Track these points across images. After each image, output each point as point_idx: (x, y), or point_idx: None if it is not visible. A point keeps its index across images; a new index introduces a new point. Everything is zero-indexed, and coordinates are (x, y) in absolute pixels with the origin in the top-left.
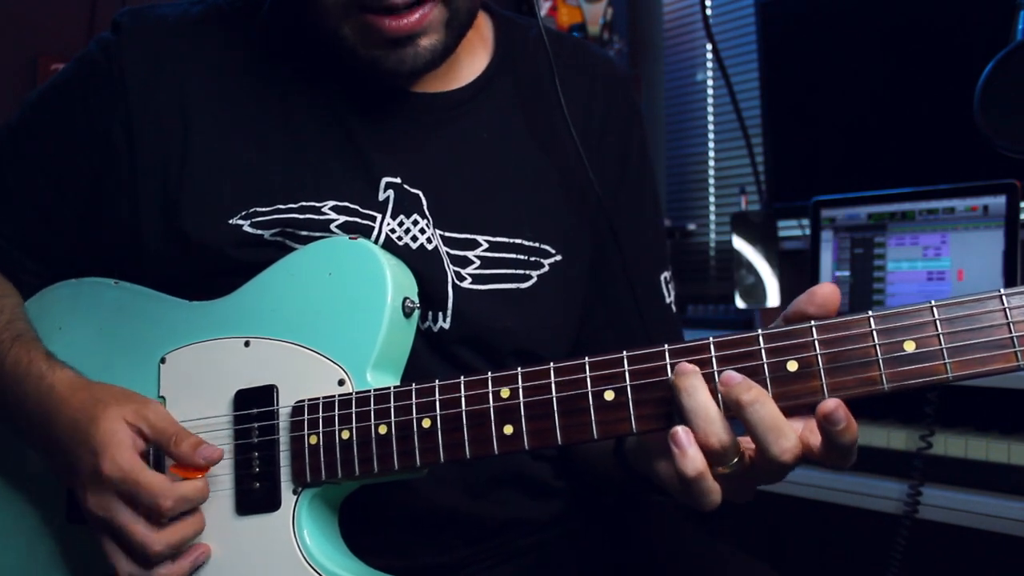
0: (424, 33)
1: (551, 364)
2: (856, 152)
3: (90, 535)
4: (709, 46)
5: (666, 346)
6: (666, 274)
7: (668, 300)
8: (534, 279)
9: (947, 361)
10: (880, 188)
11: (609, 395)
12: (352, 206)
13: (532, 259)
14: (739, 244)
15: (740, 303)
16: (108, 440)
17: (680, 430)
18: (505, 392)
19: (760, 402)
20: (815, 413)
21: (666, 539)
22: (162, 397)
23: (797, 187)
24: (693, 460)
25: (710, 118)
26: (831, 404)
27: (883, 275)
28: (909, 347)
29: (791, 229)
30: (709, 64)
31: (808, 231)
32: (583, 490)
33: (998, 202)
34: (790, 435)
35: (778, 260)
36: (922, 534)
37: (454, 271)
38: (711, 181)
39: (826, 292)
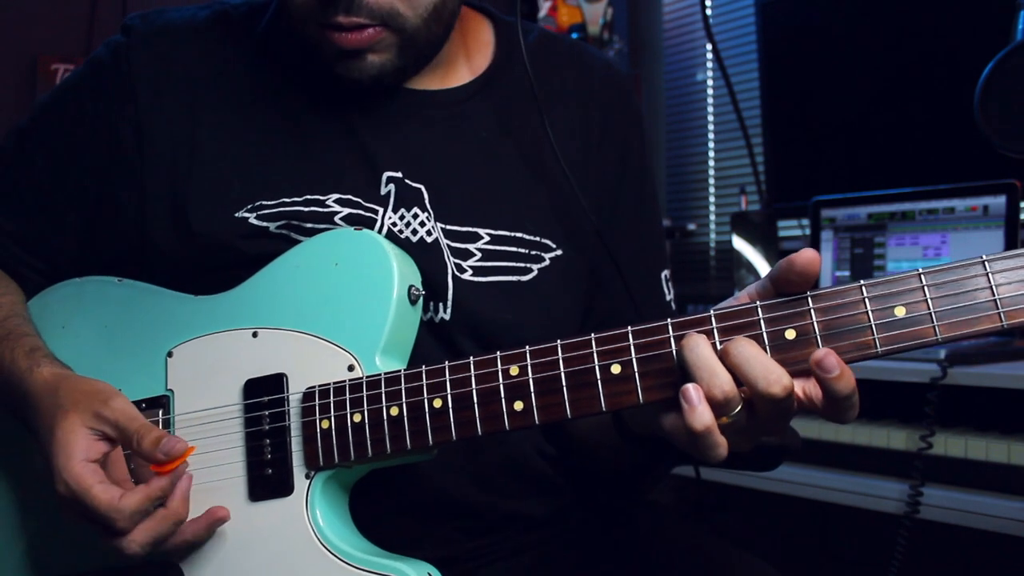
0: (372, 51)
1: (558, 341)
2: (856, 152)
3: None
4: (709, 46)
5: (669, 320)
6: (666, 272)
7: (668, 298)
8: (535, 272)
9: (935, 324)
10: (880, 188)
11: (616, 368)
12: (355, 199)
13: (533, 253)
14: (739, 244)
15: None
16: (59, 453)
17: (691, 387)
18: (514, 370)
19: (742, 344)
20: (809, 363)
21: (667, 537)
22: (170, 390)
23: (797, 187)
24: (701, 416)
25: (710, 118)
26: (821, 352)
27: (883, 275)
28: (900, 312)
29: (791, 229)
30: (709, 64)
31: (808, 231)
32: (583, 485)
33: (998, 202)
34: (774, 368)
35: (778, 260)
36: (923, 534)
37: (455, 263)
38: (711, 181)
39: (805, 260)
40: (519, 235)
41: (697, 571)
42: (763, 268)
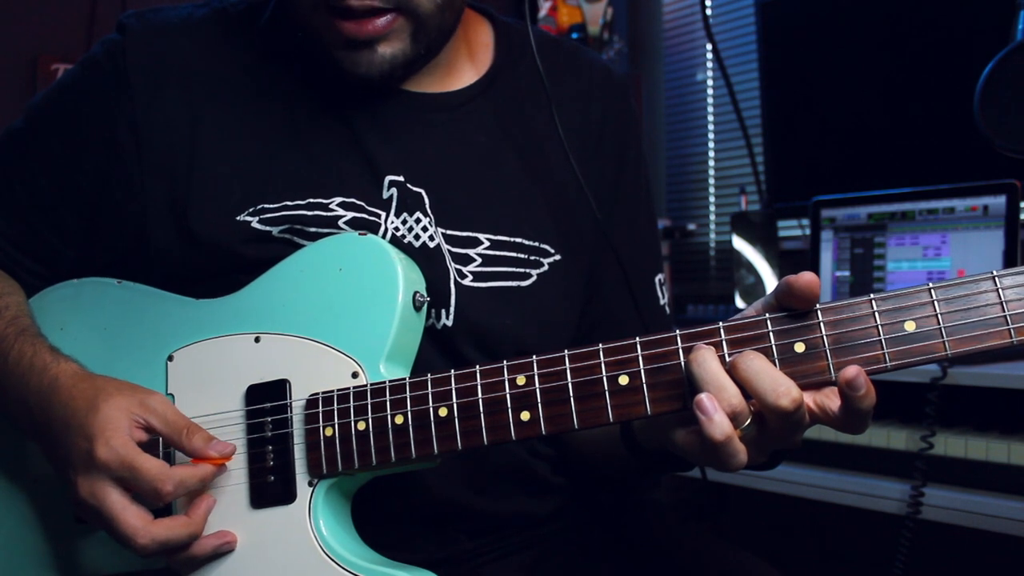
0: (384, 40)
1: (565, 352)
2: (856, 152)
3: (98, 535)
4: (709, 46)
5: (677, 331)
6: (660, 276)
7: (662, 302)
8: (534, 278)
9: (946, 339)
10: (880, 188)
11: (624, 380)
12: (359, 203)
13: (532, 258)
14: (739, 244)
15: (740, 303)
16: (104, 426)
17: (704, 397)
18: (521, 379)
19: (751, 357)
20: (838, 379)
21: (667, 537)
22: (170, 394)
23: (797, 187)
24: (720, 425)
25: (710, 118)
26: (852, 371)
27: (883, 275)
28: (910, 327)
29: (791, 229)
30: (709, 64)
31: (808, 231)
32: (583, 486)
33: (998, 202)
34: (783, 381)
35: (778, 260)
36: (925, 534)
37: (456, 268)
38: (711, 181)
39: (803, 284)
40: (518, 240)
41: (697, 571)
42: (763, 268)
